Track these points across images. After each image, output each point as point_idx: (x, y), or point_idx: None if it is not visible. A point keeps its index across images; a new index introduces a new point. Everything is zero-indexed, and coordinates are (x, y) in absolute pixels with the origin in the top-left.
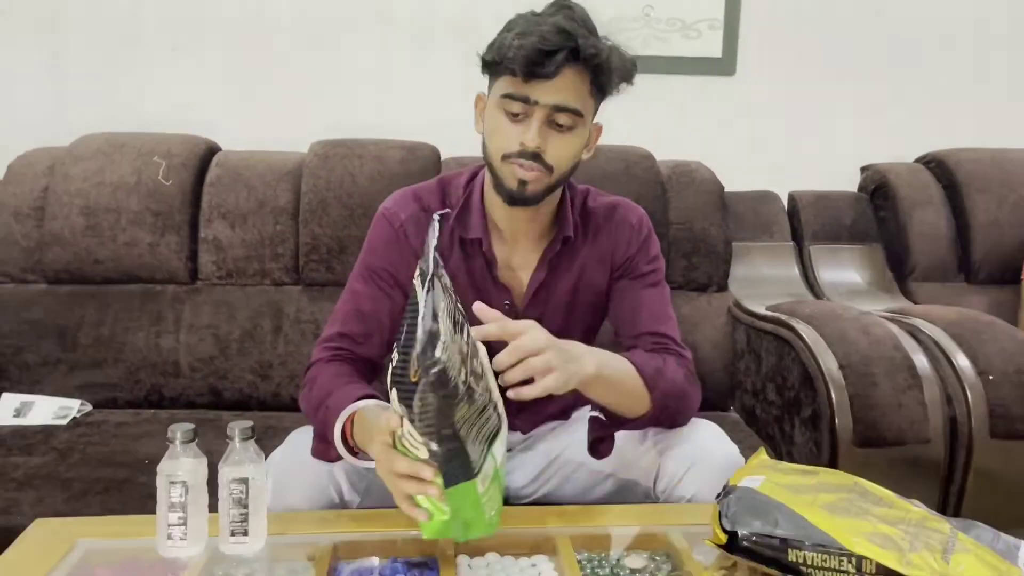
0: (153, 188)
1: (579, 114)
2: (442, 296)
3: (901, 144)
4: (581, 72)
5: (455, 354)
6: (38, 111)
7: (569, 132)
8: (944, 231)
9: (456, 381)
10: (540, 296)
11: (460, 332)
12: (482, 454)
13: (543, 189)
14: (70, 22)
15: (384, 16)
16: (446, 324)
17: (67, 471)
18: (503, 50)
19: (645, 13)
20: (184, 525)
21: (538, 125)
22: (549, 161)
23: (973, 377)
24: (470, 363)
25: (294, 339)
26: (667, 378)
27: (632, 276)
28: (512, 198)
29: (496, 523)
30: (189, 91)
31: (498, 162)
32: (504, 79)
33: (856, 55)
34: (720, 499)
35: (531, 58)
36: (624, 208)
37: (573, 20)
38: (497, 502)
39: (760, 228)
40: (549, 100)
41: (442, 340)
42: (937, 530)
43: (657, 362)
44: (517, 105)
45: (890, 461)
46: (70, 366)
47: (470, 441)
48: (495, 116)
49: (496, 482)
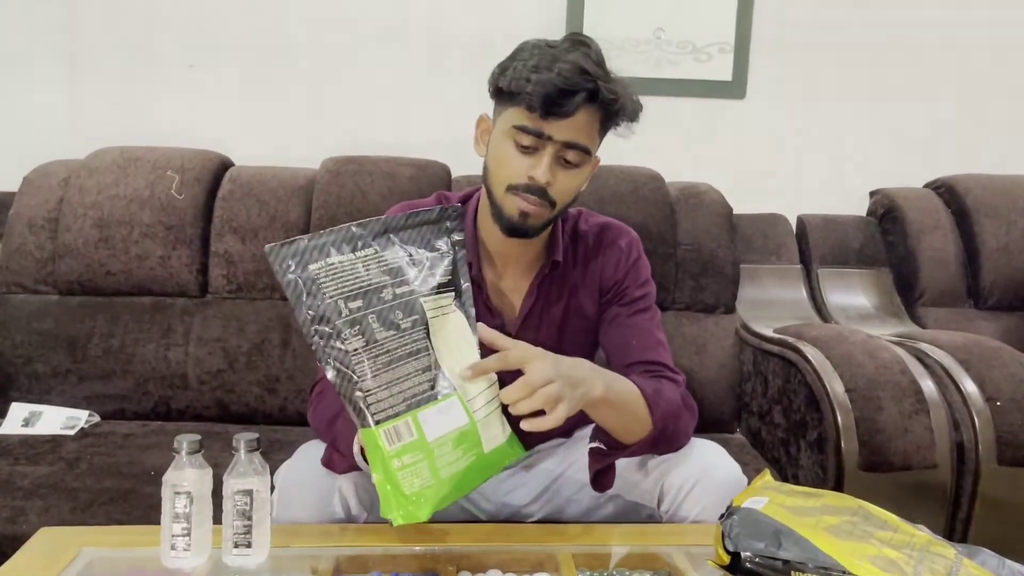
0: (166, 202)
1: (588, 152)
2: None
3: (910, 169)
4: (594, 112)
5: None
6: (55, 124)
7: (576, 168)
8: (953, 256)
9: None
10: (531, 321)
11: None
12: (398, 413)
13: (543, 223)
14: (88, 36)
15: (399, 35)
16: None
17: (74, 481)
18: (520, 82)
19: (656, 36)
20: (188, 536)
21: (549, 161)
22: (554, 196)
23: (981, 403)
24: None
25: (302, 354)
26: (666, 398)
27: (621, 303)
28: (512, 229)
29: (423, 510)
30: (204, 106)
31: (501, 192)
32: (517, 110)
33: (866, 80)
34: (723, 520)
35: (551, 96)
36: (614, 231)
37: (590, 59)
38: (432, 486)
39: (768, 251)
40: (562, 137)
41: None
42: (942, 555)
43: (655, 384)
44: (529, 139)
45: (896, 486)
46: (79, 377)
47: (375, 380)
48: (503, 145)
49: (428, 460)
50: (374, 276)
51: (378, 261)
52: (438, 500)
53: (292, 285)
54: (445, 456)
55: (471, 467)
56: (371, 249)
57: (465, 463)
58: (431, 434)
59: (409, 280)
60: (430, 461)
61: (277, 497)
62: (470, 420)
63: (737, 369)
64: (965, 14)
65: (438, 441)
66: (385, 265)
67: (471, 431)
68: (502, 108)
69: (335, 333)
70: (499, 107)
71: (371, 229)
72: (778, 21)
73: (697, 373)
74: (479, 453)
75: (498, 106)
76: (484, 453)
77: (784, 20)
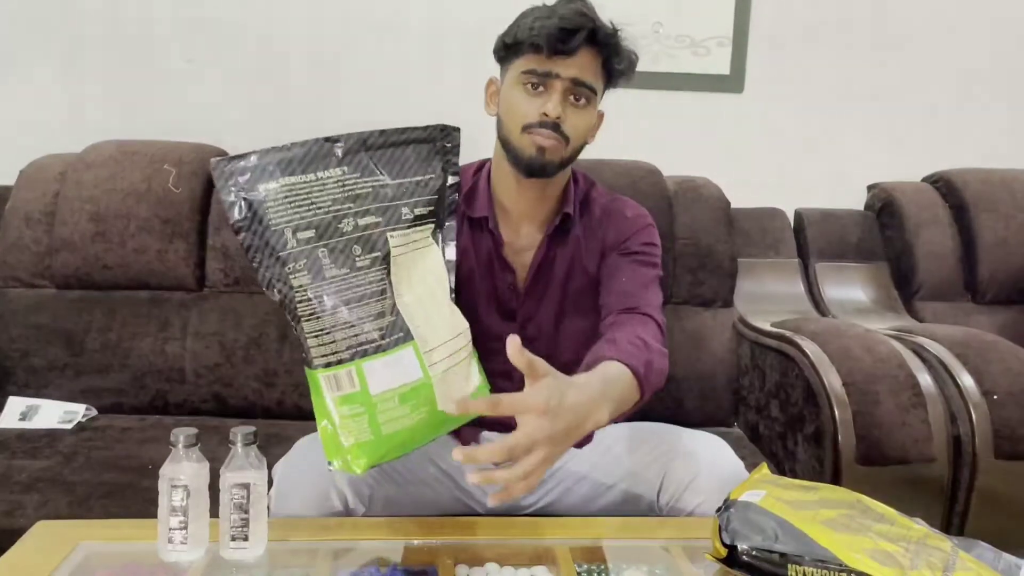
0: (163, 195)
1: (593, 91)
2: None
3: (908, 163)
4: (596, 54)
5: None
6: (51, 117)
7: (584, 108)
8: (950, 251)
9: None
10: (541, 274)
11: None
12: (341, 361)
13: (559, 160)
14: (85, 30)
15: (397, 25)
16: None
17: (71, 475)
18: (524, 31)
19: (654, 30)
20: (185, 529)
21: (559, 97)
22: (567, 131)
23: (978, 397)
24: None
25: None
26: (655, 369)
27: (621, 252)
28: (531, 167)
29: (358, 465)
30: (201, 100)
31: (517, 134)
32: (524, 58)
33: (864, 74)
34: (720, 513)
35: (555, 35)
36: (621, 202)
37: (587, 6)
38: (370, 442)
39: (766, 245)
40: (569, 74)
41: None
42: (938, 548)
43: (643, 353)
44: (538, 78)
45: (893, 479)
46: (76, 371)
47: (318, 322)
48: (514, 92)
49: (369, 414)
50: (335, 202)
51: (342, 185)
52: (376, 457)
53: (235, 208)
54: (389, 411)
55: (420, 424)
56: (338, 170)
57: (412, 420)
58: (375, 387)
59: (378, 209)
60: (371, 415)
61: (274, 491)
62: (424, 374)
63: (735, 363)
64: (963, 7)
65: (383, 396)
66: (350, 190)
67: (423, 386)
68: (509, 63)
69: (278, 263)
70: (505, 65)
71: (345, 145)
72: (776, 15)
73: (695, 367)
74: (430, 410)
75: (504, 65)
76: (438, 410)
77: (782, 14)
